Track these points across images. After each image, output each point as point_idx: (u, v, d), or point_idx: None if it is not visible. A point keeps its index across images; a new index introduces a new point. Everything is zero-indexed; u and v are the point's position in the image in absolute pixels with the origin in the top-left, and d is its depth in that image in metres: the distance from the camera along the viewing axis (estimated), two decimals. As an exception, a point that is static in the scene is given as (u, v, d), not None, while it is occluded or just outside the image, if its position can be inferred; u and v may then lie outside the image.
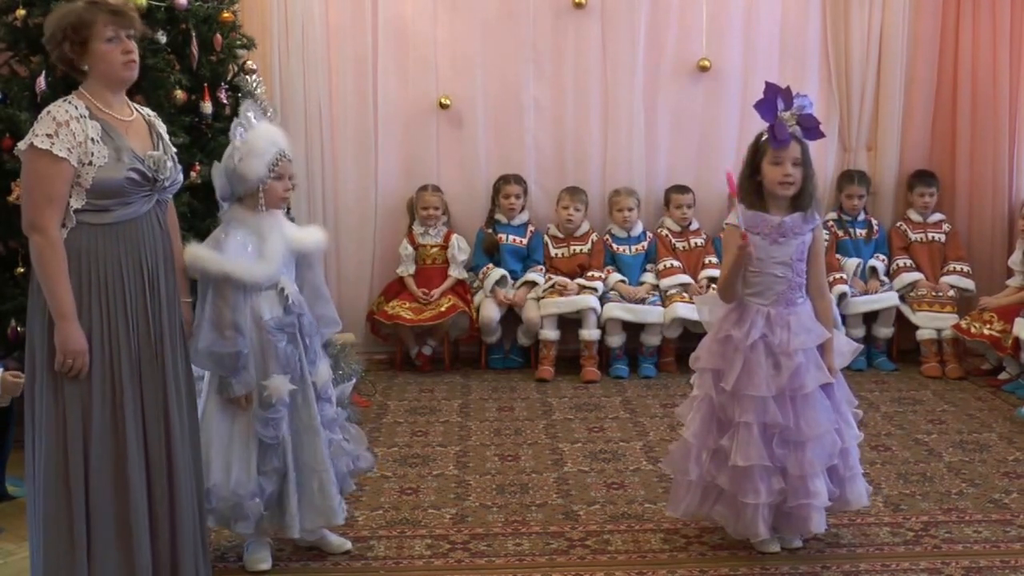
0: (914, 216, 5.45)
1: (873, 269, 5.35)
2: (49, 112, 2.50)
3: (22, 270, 3.81)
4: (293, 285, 3.00)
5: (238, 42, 4.42)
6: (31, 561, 2.62)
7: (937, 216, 5.45)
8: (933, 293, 5.24)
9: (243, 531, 3.00)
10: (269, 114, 3.06)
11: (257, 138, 2.95)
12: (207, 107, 4.15)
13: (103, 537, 2.54)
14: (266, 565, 3.03)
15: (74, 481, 2.51)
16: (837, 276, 5.18)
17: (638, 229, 5.42)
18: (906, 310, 5.27)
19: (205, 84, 4.17)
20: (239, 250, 2.88)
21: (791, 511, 3.00)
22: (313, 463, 2.99)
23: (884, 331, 5.31)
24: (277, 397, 2.91)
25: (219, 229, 2.97)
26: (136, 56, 2.60)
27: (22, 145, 2.50)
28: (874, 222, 5.48)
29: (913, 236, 5.41)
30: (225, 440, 2.94)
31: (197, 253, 2.86)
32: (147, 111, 2.75)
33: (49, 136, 2.45)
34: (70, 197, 2.49)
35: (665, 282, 5.29)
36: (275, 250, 2.93)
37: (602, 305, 5.19)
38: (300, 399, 2.99)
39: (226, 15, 4.32)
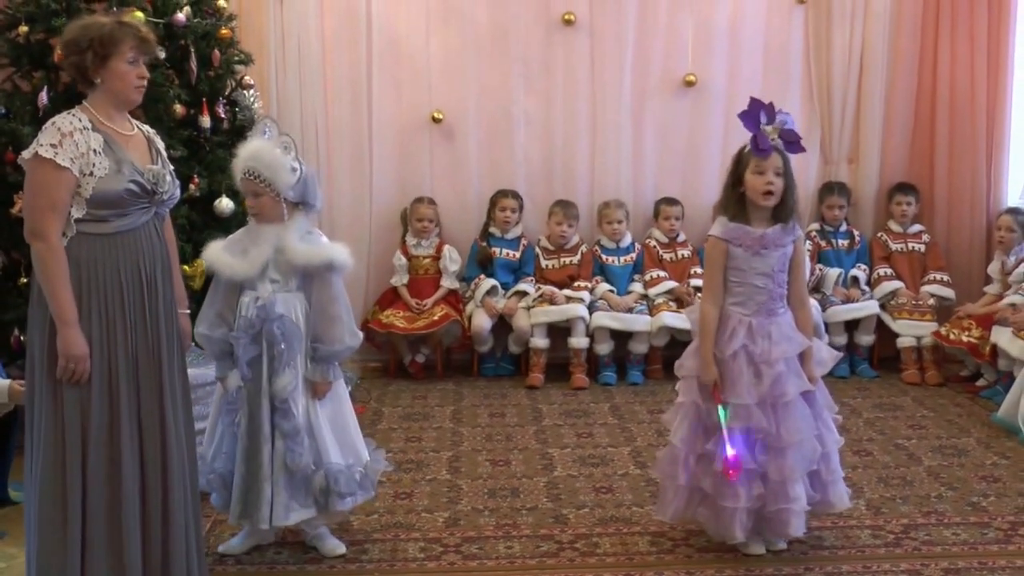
0: (894, 227, 5.53)
1: (854, 279, 5.44)
2: (54, 123, 2.56)
3: (25, 280, 3.86)
4: (275, 294, 3.08)
5: (236, 58, 4.49)
6: (27, 562, 2.66)
7: (917, 227, 5.54)
8: (913, 302, 5.32)
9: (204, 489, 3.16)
10: (267, 134, 3.13)
11: (240, 153, 3.13)
12: (205, 121, 4.22)
13: (97, 539, 2.58)
14: (223, 548, 3.22)
15: (71, 484, 2.55)
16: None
17: (627, 240, 5.50)
18: (886, 318, 5.35)
19: (203, 99, 4.24)
20: (230, 247, 3.14)
21: (771, 515, 3.07)
22: (255, 467, 3.08)
23: (865, 339, 5.39)
24: (228, 389, 3.12)
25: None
26: (146, 82, 2.71)
27: (26, 154, 2.55)
28: (855, 233, 5.55)
29: (894, 246, 5.50)
30: (213, 414, 3.25)
31: (210, 244, 3.17)
32: (146, 128, 2.82)
33: (53, 146, 2.51)
34: (71, 207, 2.54)
35: (652, 291, 5.38)
36: (257, 256, 3.09)
37: (591, 314, 5.28)
38: (253, 402, 3.10)
39: (224, 31, 4.39)
